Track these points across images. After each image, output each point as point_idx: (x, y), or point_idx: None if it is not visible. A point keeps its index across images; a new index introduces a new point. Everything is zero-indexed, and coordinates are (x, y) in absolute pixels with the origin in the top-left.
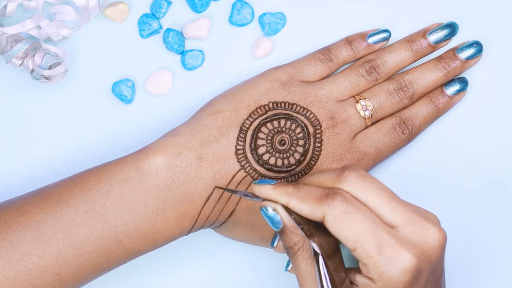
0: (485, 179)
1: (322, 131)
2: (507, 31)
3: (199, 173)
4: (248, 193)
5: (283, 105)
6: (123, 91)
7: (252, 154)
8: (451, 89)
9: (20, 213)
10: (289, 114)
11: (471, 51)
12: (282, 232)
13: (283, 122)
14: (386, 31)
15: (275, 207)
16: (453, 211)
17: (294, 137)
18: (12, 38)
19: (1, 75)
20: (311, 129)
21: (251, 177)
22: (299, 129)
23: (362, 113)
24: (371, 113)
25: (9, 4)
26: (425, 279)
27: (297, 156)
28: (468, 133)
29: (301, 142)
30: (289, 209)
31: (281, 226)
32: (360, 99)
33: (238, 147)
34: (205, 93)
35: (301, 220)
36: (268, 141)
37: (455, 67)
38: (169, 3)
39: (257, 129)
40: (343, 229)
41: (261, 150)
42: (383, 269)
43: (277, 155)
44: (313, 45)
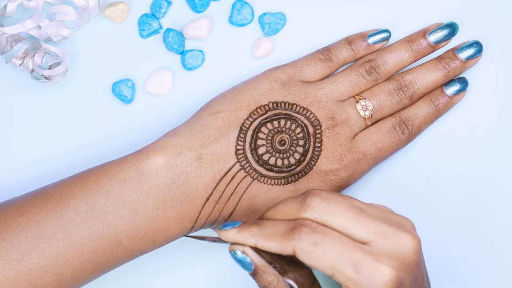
0: (485, 179)
1: (322, 131)
2: (507, 31)
3: (199, 173)
4: (216, 239)
5: (283, 105)
6: (123, 91)
7: (252, 154)
8: (451, 89)
9: (20, 213)
10: (289, 114)
11: (471, 51)
12: (255, 273)
13: (283, 122)
14: (386, 31)
15: (244, 249)
16: (453, 211)
17: (294, 137)
18: (12, 38)
19: (1, 75)
20: (311, 129)
21: (251, 177)
22: (299, 129)
23: (362, 113)
24: (371, 113)
25: (9, 4)
26: (409, 287)
27: (297, 156)
28: (468, 133)
29: (301, 142)
30: (258, 250)
31: (253, 267)
32: (360, 99)
33: (238, 147)
34: (205, 93)
35: (272, 258)
36: (268, 141)
37: (455, 67)
38: (169, 3)
39: (257, 129)
40: (316, 260)
41: (261, 150)
42: (365, 287)
43: (277, 155)
44: (313, 45)
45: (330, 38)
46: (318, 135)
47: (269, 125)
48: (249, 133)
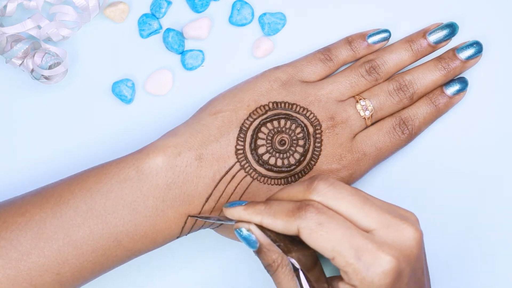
0: (485, 179)
1: (322, 131)
2: (507, 31)
3: (199, 173)
4: (221, 218)
5: (283, 105)
6: (123, 91)
7: (252, 154)
8: (451, 89)
9: (20, 213)
10: (289, 114)
11: (471, 51)
12: (259, 251)
13: (283, 122)
14: (386, 31)
15: (249, 227)
16: (453, 210)
17: (294, 137)
18: (12, 38)
19: (1, 75)
20: (311, 129)
21: (251, 177)
22: (299, 129)
23: (362, 113)
24: (371, 113)
25: (9, 4)
26: (407, 279)
27: (297, 156)
28: (468, 133)
29: (301, 142)
30: (263, 228)
31: (257, 245)
32: (360, 99)
33: (238, 147)
34: (205, 93)
35: (276, 237)
36: (268, 141)
37: (455, 67)
38: (169, 3)
39: (257, 129)
40: (319, 240)
41: (261, 150)
42: (364, 274)
43: (277, 155)
44: (313, 45)
45: (330, 38)
46: (318, 135)
47: (269, 125)
48: (249, 133)
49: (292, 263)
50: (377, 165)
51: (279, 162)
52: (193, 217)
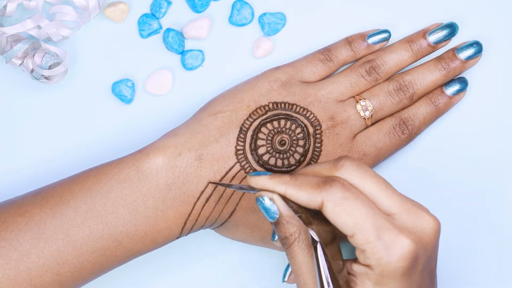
0: (485, 179)
1: (322, 132)
2: (507, 31)
3: (199, 173)
4: (243, 186)
5: (283, 105)
6: (123, 91)
7: (252, 154)
8: (451, 89)
9: (19, 213)
10: (289, 114)
11: (471, 51)
12: (278, 222)
13: (283, 122)
14: (386, 31)
15: (272, 196)
16: (453, 210)
17: (294, 138)
18: (12, 38)
19: (1, 75)
20: (311, 130)
21: None
22: (299, 130)
23: (362, 114)
24: (371, 114)
25: (9, 4)
26: (421, 267)
27: (297, 156)
28: (468, 133)
29: (301, 142)
30: (286, 199)
31: (277, 216)
32: (360, 100)
33: (238, 147)
34: (205, 93)
35: (298, 208)
36: (268, 142)
37: (455, 67)
38: (169, 3)
39: (257, 130)
40: (342, 215)
41: (261, 150)
42: (382, 254)
43: (277, 155)
44: (313, 45)
45: (330, 38)
46: (318, 135)
47: (269, 125)
48: (249, 133)
49: (311, 235)
50: (377, 165)
51: (279, 162)
52: (214, 183)
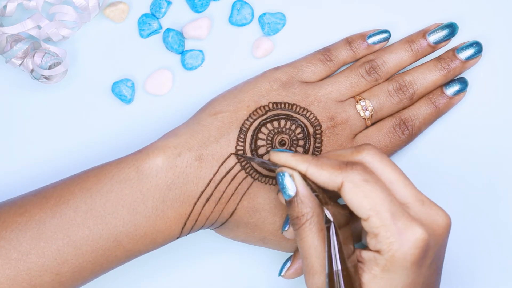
0: (485, 179)
1: (322, 132)
2: (507, 31)
3: (199, 173)
4: (265, 161)
5: (283, 105)
6: (123, 91)
7: (252, 154)
8: (451, 90)
9: (19, 213)
10: (289, 114)
11: (470, 51)
12: (291, 201)
13: (283, 122)
14: (386, 31)
15: (292, 173)
16: (453, 211)
17: (294, 138)
18: (12, 38)
19: (1, 75)
20: (311, 130)
21: (252, 177)
22: (299, 130)
23: (362, 114)
24: (371, 114)
25: (9, 4)
26: (431, 260)
27: None
28: (468, 134)
29: (301, 142)
30: (305, 178)
31: (293, 194)
32: (360, 100)
33: (238, 147)
34: (205, 93)
35: (316, 188)
36: (268, 142)
37: (455, 68)
38: (169, 3)
39: (257, 130)
40: (360, 196)
41: (261, 150)
42: (394, 239)
43: None
44: (313, 45)
45: (330, 38)
46: (318, 136)
47: (269, 125)
48: (249, 133)
49: (326, 215)
50: None
51: None
52: (237, 155)
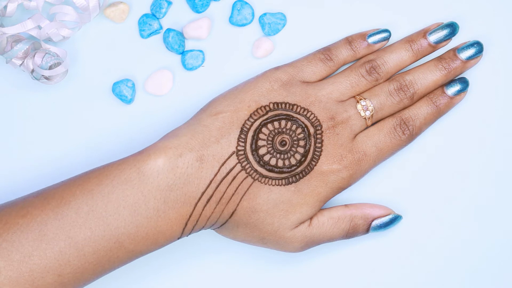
0: (485, 180)
1: (322, 132)
2: (508, 31)
3: (200, 174)
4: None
5: (283, 105)
6: (123, 91)
7: (253, 155)
8: (452, 90)
9: (21, 214)
10: (289, 115)
11: (471, 51)
12: None
13: (283, 123)
14: (386, 31)
15: None
16: (453, 211)
17: (294, 138)
18: (12, 38)
19: (1, 75)
20: (311, 130)
21: (252, 178)
22: (299, 130)
23: (362, 114)
24: (371, 114)
25: (9, 4)
26: None
27: (298, 156)
28: (468, 134)
29: (302, 142)
30: None
31: None
32: (360, 100)
33: (239, 148)
34: (205, 93)
35: None
36: (268, 142)
37: (456, 67)
38: (169, 3)
39: (258, 130)
40: None
41: (262, 151)
42: None
43: (278, 156)
44: (313, 45)
45: (330, 38)
46: (318, 136)
47: (269, 126)
48: (250, 134)
49: None
50: (377, 165)
51: (280, 162)
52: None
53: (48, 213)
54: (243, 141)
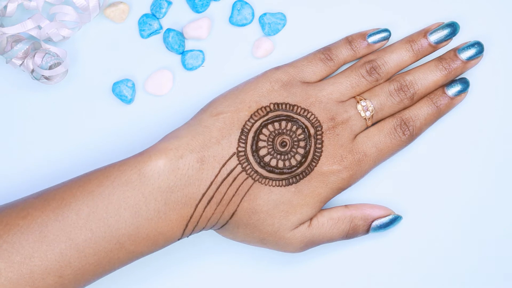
0: (485, 180)
1: (323, 132)
2: (508, 32)
3: (200, 175)
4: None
5: (284, 106)
6: (123, 91)
7: (253, 156)
8: (452, 90)
9: (21, 216)
10: (290, 115)
11: (472, 52)
12: None
13: (284, 123)
14: (386, 30)
15: None
16: (453, 211)
17: (295, 139)
18: (12, 38)
19: (1, 76)
20: (312, 131)
21: (253, 179)
22: (300, 131)
23: (362, 114)
24: (371, 114)
25: (9, 4)
26: None
27: (298, 157)
28: (469, 134)
29: (302, 143)
30: None
31: None
32: (360, 100)
33: (239, 149)
34: (206, 93)
35: None
36: (269, 143)
37: (456, 68)
38: (169, 3)
39: (259, 131)
40: None
41: (263, 152)
42: None
43: (278, 156)
44: (313, 45)
45: (330, 38)
46: (319, 136)
47: (270, 126)
48: (251, 135)
49: None
50: (377, 166)
51: (281, 163)
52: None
53: (48, 215)
54: (244, 142)
